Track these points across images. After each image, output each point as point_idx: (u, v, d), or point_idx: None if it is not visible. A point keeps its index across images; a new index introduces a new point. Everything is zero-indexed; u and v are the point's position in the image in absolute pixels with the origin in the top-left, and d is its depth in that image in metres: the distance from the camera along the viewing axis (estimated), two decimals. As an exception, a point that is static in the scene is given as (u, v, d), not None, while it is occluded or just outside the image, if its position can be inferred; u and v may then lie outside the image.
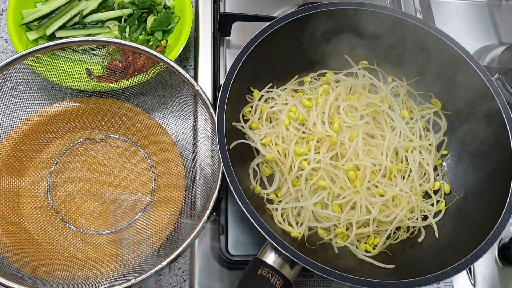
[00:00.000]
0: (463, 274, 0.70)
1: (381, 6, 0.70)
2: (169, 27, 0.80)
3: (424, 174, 0.70)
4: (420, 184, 0.69)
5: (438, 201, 0.69)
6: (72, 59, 0.73)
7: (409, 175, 0.68)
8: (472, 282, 0.69)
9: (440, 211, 0.68)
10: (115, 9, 0.80)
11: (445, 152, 0.73)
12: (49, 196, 0.66)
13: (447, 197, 0.70)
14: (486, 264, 0.70)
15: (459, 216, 0.67)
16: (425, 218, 0.67)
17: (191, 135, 0.71)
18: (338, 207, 0.63)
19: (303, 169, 0.63)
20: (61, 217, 0.65)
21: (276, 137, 0.67)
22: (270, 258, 0.55)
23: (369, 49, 0.75)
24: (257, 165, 0.68)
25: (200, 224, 0.57)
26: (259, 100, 0.70)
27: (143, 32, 0.80)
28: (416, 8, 0.90)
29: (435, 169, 0.72)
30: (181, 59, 0.82)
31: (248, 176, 0.67)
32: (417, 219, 0.66)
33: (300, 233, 0.63)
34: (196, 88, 0.65)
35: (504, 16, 0.95)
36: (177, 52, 0.74)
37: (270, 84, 0.73)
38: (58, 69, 0.69)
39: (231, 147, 0.61)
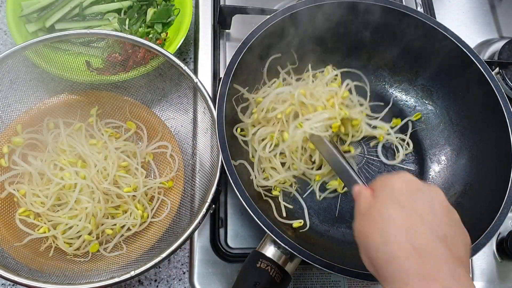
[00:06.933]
0: (462, 267, 0.70)
1: (382, -1, 0.70)
2: (168, 19, 0.80)
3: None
4: None
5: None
6: (72, 52, 0.72)
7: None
8: (470, 275, 0.69)
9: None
10: (114, 1, 0.80)
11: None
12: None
13: (446, 192, 0.70)
14: (484, 258, 0.71)
15: (458, 210, 0.66)
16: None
17: (191, 128, 0.71)
18: None
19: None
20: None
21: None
22: (270, 251, 0.55)
23: (370, 42, 0.74)
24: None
25: (199, 217, 0.57)
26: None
27: (143, 25, 0.80)
28: (417, 2, 0.90)
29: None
30: (181, 52, 0.82)
31: (247, 169, 0.67)
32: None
33: (301, 222, 0.65)
34: (195, 81, 0.65)
35: (505, 10, 0.95)
36: (176, 45, 0.74)
37: (274, 79, 0.73)
38: (57, 62, 0.69)
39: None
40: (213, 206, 0.59)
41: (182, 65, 0.65)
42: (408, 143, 0.75)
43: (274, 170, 0.68)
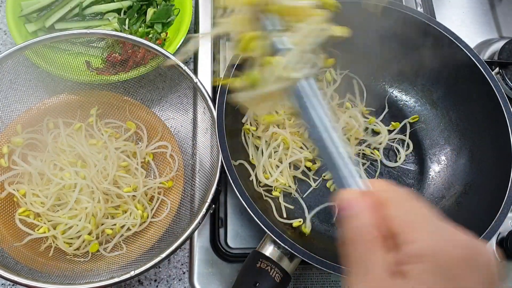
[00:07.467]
0: (462, 267, 0.70)
1: (381, -1, 0.70)
2: (168, 19, 0.80)
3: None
4: None
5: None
6: (71, 52, 0.72)
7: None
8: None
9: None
10: (114, 1, 0.80)
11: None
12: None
13: (446, 192, 0.70)
14: (484, 257, 0.71)
15: (458, 210, 0.67)
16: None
17: (190, 128, 0.71)
18: None
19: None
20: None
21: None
22: (269, 251, 0.55)
23: (370, 42, 0.74)
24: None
25: (199, 217, 0.57)
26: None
27: (143, 25, 0.80)
28: (417, 2, 0.90)
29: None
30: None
31: (247, 169, 0.67)
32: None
33: (300, 221, 0.65)
34: (195, 81, 0.65)
35: (505, 10, 0.95)
36: (176, 44, 0.74)
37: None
38: (57, 62, 0.69)
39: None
40: (213, 206, 0.59)
41: (182, 65, 0.65)
42: (408, 144, 0.75)
43: (273, 169, 0.68)
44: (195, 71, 0.77)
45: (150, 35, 0.78)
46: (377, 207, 0.29)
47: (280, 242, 0.54)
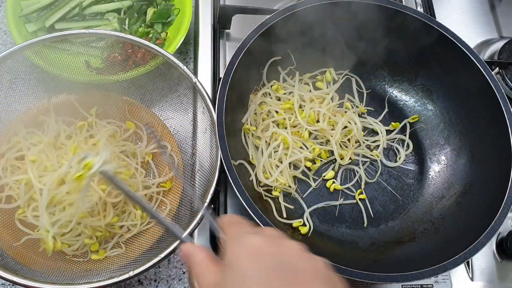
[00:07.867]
0: (461, 267, 0.70)
1: (381, -1, 0.70)
2: (168, 19, 0.80)
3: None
4: None
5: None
6: (71, 51, 0.72)
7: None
8: (470, 275, 0.69)
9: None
10: (114, 1, 0.80)
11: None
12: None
13: (446, 192, 0.70)
14: (484, 257, 0.71)
15: (458, 210, 0.67)
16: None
17: (190, 128, 0.71)
18: None
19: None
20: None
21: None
22: (269, 251, 0.55)
23: (370, 42, 0.74)
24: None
25: (198, 216, 0.57)
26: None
27: (143, 25, 0.79)
28: (417, 2, 0.90)
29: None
30: (181, 52, 0.82)
31: (247, 170, 0.67)
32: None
33: (300, 222, 0.65)
34: (194, 81, 0.65)
35: (505, 10, 0.95)
36: (176, 44, 0.74)
37: (273, 81, 0.73)
38: (57, 62, 0.69)
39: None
40: (212, 206, 0.59)
41: (181, 65, 0.65)
42: (408, 144, 0.75)
43: (273, 169, 0.68)
44: (195, 71, 0.77)
45: (150, 35, 0.78)
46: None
47: (279, 242, 0.53)
